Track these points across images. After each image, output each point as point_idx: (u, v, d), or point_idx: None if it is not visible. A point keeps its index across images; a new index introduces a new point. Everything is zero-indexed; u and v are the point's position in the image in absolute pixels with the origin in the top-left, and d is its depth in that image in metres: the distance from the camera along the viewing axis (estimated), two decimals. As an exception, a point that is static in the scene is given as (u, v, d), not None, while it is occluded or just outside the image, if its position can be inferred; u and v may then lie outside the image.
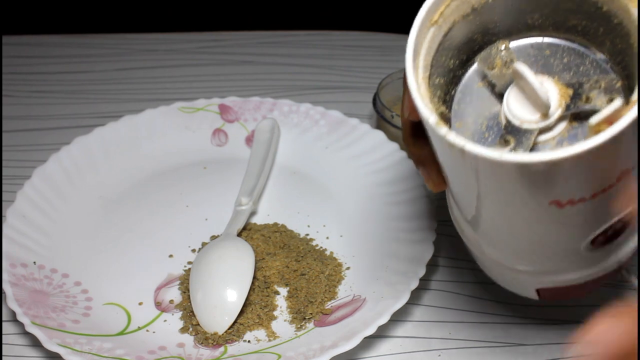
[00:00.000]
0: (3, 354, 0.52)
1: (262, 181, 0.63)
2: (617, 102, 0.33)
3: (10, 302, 0.51)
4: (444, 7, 0.38)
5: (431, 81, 0.38)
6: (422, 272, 0.53)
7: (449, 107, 0.39)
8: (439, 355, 0.51)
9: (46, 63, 0.83)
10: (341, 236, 0.60)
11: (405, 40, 0.37)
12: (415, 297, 0.54)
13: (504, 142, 0.36)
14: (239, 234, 0.58)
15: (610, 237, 0.38)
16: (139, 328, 0.53)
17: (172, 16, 1.24)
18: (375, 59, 0.83)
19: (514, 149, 0.36)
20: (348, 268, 0.57)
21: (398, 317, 0.53)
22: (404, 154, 0.63)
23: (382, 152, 0.64)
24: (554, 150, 0.31)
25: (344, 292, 0.55)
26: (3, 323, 0.54)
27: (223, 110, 0.70)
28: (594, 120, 0.33)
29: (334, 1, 1.26)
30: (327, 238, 0.60)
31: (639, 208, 0.37)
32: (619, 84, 0.36)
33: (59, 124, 0.74)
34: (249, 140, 0.69)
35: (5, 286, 0.52)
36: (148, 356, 0.49)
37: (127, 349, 0.50)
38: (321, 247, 0.59)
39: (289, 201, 0.63)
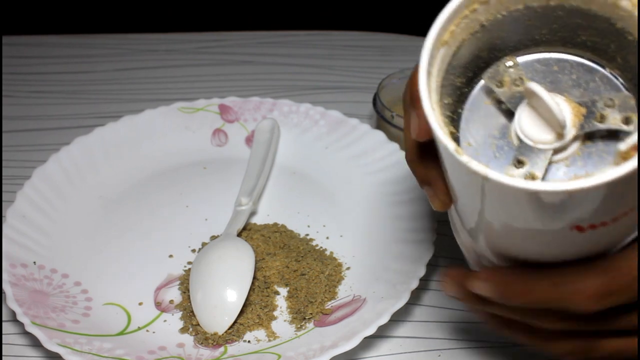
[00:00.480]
0: (3, 354, 0.52)
1: (262, 181, 0.63)
2: None
3: (10, 302, 0.51)
4: (454, 26, 0.36)
5: (440, 102, 0.37)
6: (422, 272, 0.53)
7: (457, 126, 0.38)
8: (439, 355, 0.51)
9: (46, 63, 0.83)
10: (341, 236, 0.60)
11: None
12: (415, 297, 0.54)
13: (518, 163, 0.35)
14: (239, 234, 0.58)
15: None
16: (139, 328, 0.53)
17: (173, 16, 1.24)
18: (375, 59, 0.83)
19: (530, 171, 0.35)
20: (348, 268, 0.57)
21: (398, 317, 0.53)
22: (404, 154, 0.63)
23: (382, 152, 0.64)
24: (588, 178, 0.31)
25: (344, 292, 0.55)
26: (3, 323, 0.54)
27: (223, 110, 0.70)
28: (623, 146, 0.32)
29: (334, 1, 1.26)
30: (327, 238, 0.60)
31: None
32: (633, 102, 0.35)
33: (59, 124, 0.74)
34: (249, 140, 0.69)
35: (5, 286, 0.52)
36: (148, 356, 0.49)
37: (127, 349, 0.50)
38: (321, 247, 0.59)
39: (289, 201, 0.63)
